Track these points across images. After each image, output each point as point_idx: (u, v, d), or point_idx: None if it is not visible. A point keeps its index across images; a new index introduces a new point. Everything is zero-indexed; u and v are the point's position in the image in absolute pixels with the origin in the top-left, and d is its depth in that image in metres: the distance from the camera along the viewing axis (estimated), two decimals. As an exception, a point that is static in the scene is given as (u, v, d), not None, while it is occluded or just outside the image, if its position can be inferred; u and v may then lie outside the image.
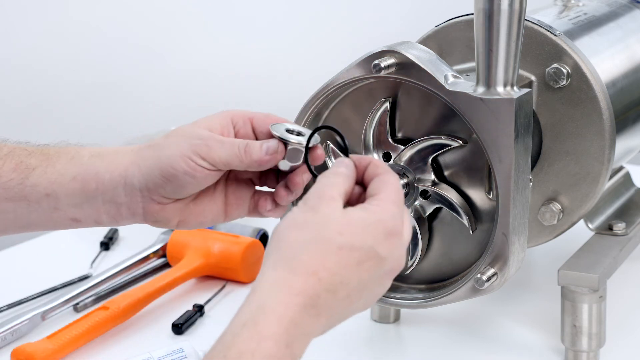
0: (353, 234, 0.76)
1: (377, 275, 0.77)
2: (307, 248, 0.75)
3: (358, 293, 0.77)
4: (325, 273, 0.74)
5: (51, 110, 1.90)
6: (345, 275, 0.75)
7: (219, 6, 2.07)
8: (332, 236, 0.75)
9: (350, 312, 0.78)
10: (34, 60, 1.88)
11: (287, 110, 1.25)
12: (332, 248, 0.75)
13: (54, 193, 0.90)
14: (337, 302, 0.75)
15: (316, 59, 2.12)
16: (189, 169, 0.87)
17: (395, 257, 0.78)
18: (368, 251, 0.76)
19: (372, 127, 1.00)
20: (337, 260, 0.75)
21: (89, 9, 1.94)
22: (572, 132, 1.08)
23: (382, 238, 0.77)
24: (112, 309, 1.17)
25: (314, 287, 0.74)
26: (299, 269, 0.74)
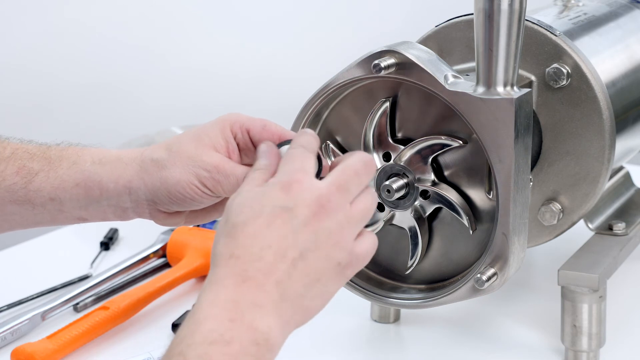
0: (252, 204, 0.77)
1: (298, 226, 0.76)
2: (219, 242, 0.77)
3: (292, 248, 0.76)
4: (240, 250, 0.75)
5: (51, 111, 1.90)
6: (261, 241, 0.75)
7: (219, 6, 2.07)
8: (237, 217, 0.77)
9: (304, 275, 0.76)
10: (34, 60, 1.88)
11: (287, 110, 1.25)
12: (239, 227, 0.76)
13: (58, 198, 0.91)
14: (272, 266, 0.75)
15: (316, 59, 2.12)
16: (196, 196, 0.89)
17: (306, 200, 0.77)
18: (271, 211, 0.76)
19: (372, 127, 1.00)
20: (246, 235, 0.75)
21: (89, 9, 1.94)
22: (572, 132, 1.08)
23: (280, 192, 0.77)
24: (112, 309, 1.17)
25: (235, 265, 0.74)
26: (218, 260, 0.76)
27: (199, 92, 2.07)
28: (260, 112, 2.21)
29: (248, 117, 0.91)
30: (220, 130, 0.91)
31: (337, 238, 0.78)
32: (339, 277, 0.79)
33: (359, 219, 0.80)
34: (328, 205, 0.77)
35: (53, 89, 1.91)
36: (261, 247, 0.75)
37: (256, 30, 2.11)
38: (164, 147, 0.91)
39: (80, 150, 0.94)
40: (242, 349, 0.71)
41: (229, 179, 0.89)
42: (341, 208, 0.78)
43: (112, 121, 1.96)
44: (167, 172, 0.89)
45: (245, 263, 0.75)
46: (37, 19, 1.88)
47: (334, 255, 0.78)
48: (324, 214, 0.77)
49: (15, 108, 1.86)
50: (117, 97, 1.98)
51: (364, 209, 0.80)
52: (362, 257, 0.80)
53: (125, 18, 1.98)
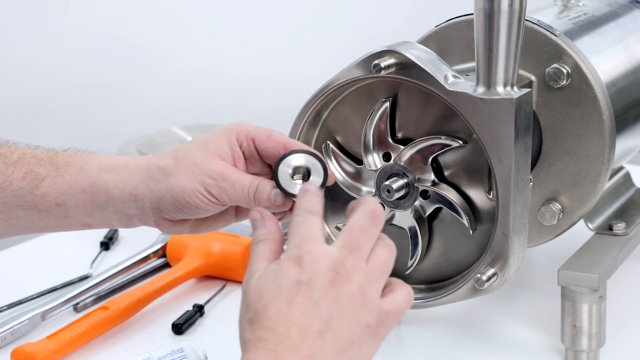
0: (269, 287, 0.77)
1: (319, 298, 0.76)
2: (243, 329, 0.77)
3: (317, 320, 0.76)
4: (266, 334, 0.75)
5: (52, 111, 1.90)
6: (285, 320, 0.75)
7: (218, 6, 2.08)
8: (256, 303, 0.77)
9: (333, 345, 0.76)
10: (35, 60, 1.89)
11: (287, 110, 1.25)
12: (261, 312, 0.76)
13: (64, 204, 0.91)
14: (300, 343, 0.75)
15: (316, 59, 2.12)
16: (201, 204, 0.89)
17: (319, 271, 0.76)
18: (288, 289, 0.76)
19: (372, 127, 1.00)
20: (269, 317, 0.75)
21: (89, 10, 1.94)
22: (572, 132, 1.08)
23: (292, 267, 0.77)
24: (112, 309, 1.17)
25: (265, 347, 0.74)
26: (248, 345, 0.76)
27: (199, 92, 2.07)
28: (260, 112, 2.22)
29: (254, 126, 0.92)
30: (227, 139, 0.91)
31: (361, 300, 0.77)
32: (372, 338, 0.78)
33: (378, 275, 0.79)
34: (343, 270, 0.77)
35: (53, 89, 1.91)
36: (286, 326, 0.75)
37: (256, 30, 2.11)
38: (170, 155, 0.91)
39: (88, 157, 0.94)
40: None
41: (234, 187, 0.89)
42: (358, 269, 0.78)
43: (112, 121, 1.96)
44: (173, 180, 0.89)
45: (274, 344, 0.74)
46: (37, 19, 1.88)
47: (362, 318, 0.77)
48: (341, 280, 0.77)
49: (16, 108, 1.86)
50: (117, 97, 1.98)
51: (382, 263, 0.79)
52: (394, 313, 0.79)
53: (125, 18, 1.98)
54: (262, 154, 0.91)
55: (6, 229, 0.94)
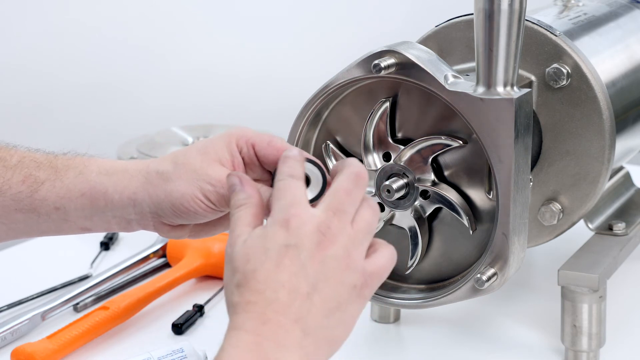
0: (255, 252, 0.78)
1: (306, 259, 0.77)
2: (231, 292, 0.78)
3: (304, 282, 0.77)
4: (254, 296, 0.76)
5: (52, 111, 1.90)
6: (273, 283, 0.76)
7: (219, 6, 2.07)
8: (243, 267, 0.77)
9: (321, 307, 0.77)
10: (35, 60, 1.89)
11: (287, 110, 1.25)
12: (249, 275, 0.77)
13: (63, 207, 0.91)
14: (289, 306, 0.76)
15: (316, 59, 2.12)
16: (199, 209, 0.89)
17: (305, 234, 0.77)
18: (276, 252, 0.77)
19: (372, 127, 1.00)
20: (258, 280, 0.77)
21: (89, 10, 1.94)
22: (572, 132, 1.08)
23: (278, 230, 0.78)
24: (112, 309, 1.17)
25: (253, 310, 0.76)
26: (237, 309, 0.77)
27: (199, 92, 2.07)
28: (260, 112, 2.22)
29: (254, 131, 0.91)
30: (226, 145, 0.90)
31: (345, 262, 0.78)
32: (357, 299, 0.79)
33: (362, 237, 0.80)
34: (329, 232, 0.78)
35: (53, 89, 1.91)
36: (274, 289, 0.76)
37: (256, 30, 2.11)
38: (169, 160, 0.91)
39: (87, 160, 0.93)
40: None
41: None
42: (343, 231, 0.79)
43: (112, 121, 1.96)
44: (172, 185, 0.89)
45: (262, 307, 0.76)
46: (37, 19, 1.88)
47: (347, 280, 0.78)
48: (327, 242, 0.78)
49: (16, 108, 1.86)
50: (117, 97, 1.98)
51: (365, 225, 0.81)
52: (377, 274, 0.81)
53: (125, 18, 1.98)
54: (261, 160, 0.90)
55: (6, 232, 0.94)
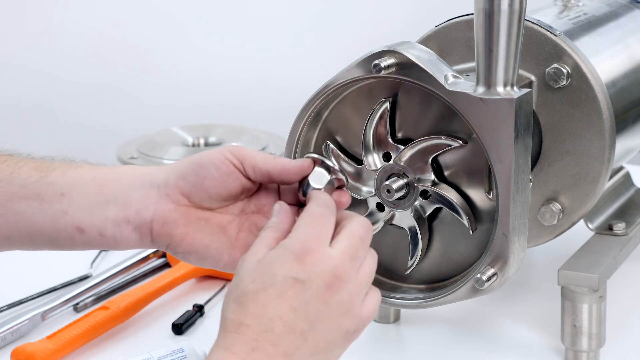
0: (264, 274, 0.78)
1: (311, 298, 0.77)
2: (230, 307, 0.78)
3: (303, 320, 0.77)
4: (250, 320, 0.76)
5: (52, 111, 1.90)
6: (271, 312, 0.76)
7: (219, 6, 2.07)
8: (247, 287, 0.78)
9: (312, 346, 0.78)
10: (35, 60, 1.89)
11: (287, 110, 1.25)
12: (250, 296, 0.77)
13: (69, 194, 0.89)
14: (281, 338, 0.76)
15: (316, 59, 2.12)
16: (226, 170, 0.88)
17: (320, 272, 0.78)
18: (282, 282, 0.77)
19: (372, 127, 1.00)
20: (257, 304, 0.77)
21: (89, 10, 1.94)
22: (572, 132, 1.08)
23: (294, 263, 0.78)
24: (112, 309, 1.17)
25: (245, 334, 0.76)
26: (229, 327, 0.77)
27: (199, 92, 2.07)
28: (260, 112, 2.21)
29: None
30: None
31: (347, 307, 0.79)
32: (345, 343, 0.81)
33: (365, 284, 0.82)
34: (342, 276, 0.79)
35: (53, 89, 1.91)
36: (271, 318, 0.76)
37: (256, 30, 2.11)
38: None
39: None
40: None
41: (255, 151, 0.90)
42: (352, 278, 0.80)
43: (112, 121, 1.96)
44: (197, 155, 0.89)
45: (255, 333, 0.76)
46: (37, 19, 1.88)
47: (343, 325, 0.79)
48: (337, 285, 0.79)
49: (16, 108, 1.86)
50: (117, 97, 1.98)
51: (369, 272, 0.82)
52: (367, 319, 0.82)
53: (125, 18, 1.98)
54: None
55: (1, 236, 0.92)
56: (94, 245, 0.90)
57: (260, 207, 0.91)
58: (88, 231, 0.89)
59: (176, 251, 0.89)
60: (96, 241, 0.90)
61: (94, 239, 0.90)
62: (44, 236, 0.91)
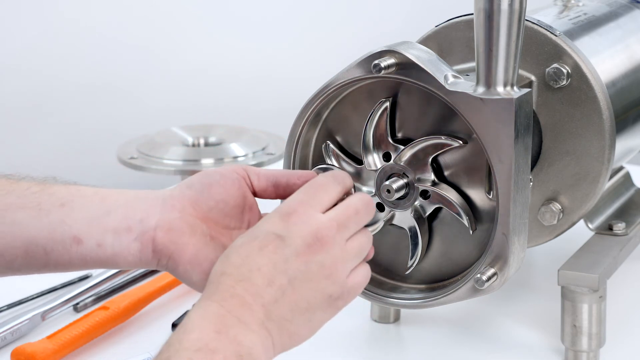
0: (251, 231, 0.82)
1: (290, 255, 0.79)
2: (217, 262, 0.81)
3: (281, 275, 0.79)
4: (231, 269, 0.79)
5: (52, 111, 1.90)
6: (251, 262, 0.79)
7: (218, 6, 2.08)
8: (236, 241, 0.81)
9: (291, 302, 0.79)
10: (34, 61, 1.89)
11: (287, 110, 1.25)
12: (235, 248, 0.80)
13: (69, 204, 0.87)
14: (260, 289, 0.78)
15: (316, 59, 2.12)
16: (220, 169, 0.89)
17: (301, 231, 0.80)
18: (265, 235, 0.80)
19: (372, 127, 1.00)
20: (239, 255, 0.80)
21: (89, 10, 1.94)
22: (572, 132, 1.08)
23: (277, 220, 0.81)
24: (112, 309, 1.17)
25: (225, 283, 0.78)
26: (212, 277, 0.80)
27: (199, 92, 2.07)
28: (260, 112, 2.21)
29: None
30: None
31: (329, 271, 0.81)
32: (329, 308, 0.82)
33: (353, 256, 0.83)
34: (324, 239, 0.81)
35: (53, 90, 1.91)
36: (250, 268, 0.79)
37: (256, 30, 2.11)
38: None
39: None
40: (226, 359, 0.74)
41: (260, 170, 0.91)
42: (337, 243, 0.82)
43: (112, 121, 1.96)
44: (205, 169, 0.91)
45: (234, 281, 0.78)
46: (37, 19, 1.88)
47: (325, 288, 0.81)
48: (318, 246, 0.80)
49: (16, 109, 1.86)
50: (117, 97, 1.98)
51: (359, 247, 0.84)
52: (354, 289, 0.84)
53: (125, 18, 1.98)
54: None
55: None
56: (90, 260, 0.86)
57: None
58: (86, 242, 0.86)
59: (178, 263, 0.86)
60: (93, 254, 0.86)
61: (90, 251, 0.86)
62: (39, 247, 0.87)
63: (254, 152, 1.55)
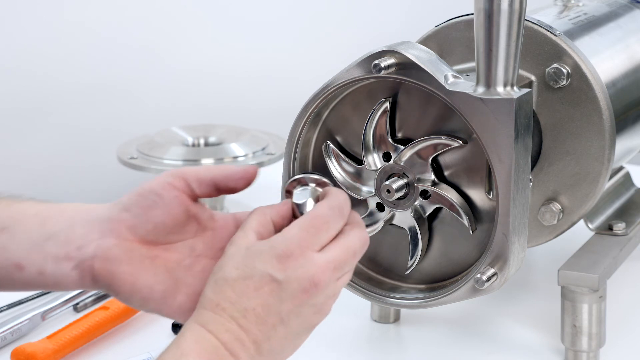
0: (245, 265, 0.80)
1: (285, 298, 0.80)
2: (211, 286, 0.81)
3: (275, 316, 0.80)
4: (226, 303, 0.80)
5: (51, 112, 1.90)
6: (246, 302, 0.79)
7: (219, 7, 2.07)
8: (229, 272, 0.81)
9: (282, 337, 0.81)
10: (34, 61, 1.89)
11: (287, 110, 1.25)
12: (229, 282, 0.80)
13: (11, 228, 0.85)
14: (253, 327, 0.79)
15: (316, 59, 2.12)
16: (156, 187, 0.85)
17: (298, 277, 0.80)
18: (261, 277, 0.80)
19: (372, 127, 1.00)
20: (234, 291, 0.80)
21: (88, 10, 1.94)
22: (572, 132, 1.08)
23: (274, 262, 0.80)
24: (112, 309, 1.17)
25: (220, 316, 0.79)
26: (207, 304, 0.80)
27: (199, 92, 2.07)
28: (260, 112, 2.21)
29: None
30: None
31: (320, 307, 0.82)
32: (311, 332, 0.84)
33: (340, 289, 0.84)
34: (320, 284, 0.81)
35: (53, 90, 1.91)
36: (245, 307, 0.79)
37: (256, 31, 2.11)
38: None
39: None
40: None
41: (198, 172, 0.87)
42: (330, 285, 0.82)
43: (112, 121, 1.96)
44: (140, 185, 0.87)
45: (229, 316, 0.79)
46: (36, 20, 1.88)
47: (314, 320, 0.83)
48: (314, 291, 0.81)
49: (16, 109, 1.86)
50: (117, 97, 1.98)
51: (346, 280, 0.84)
52: None
53: (124, 18, 1.98)
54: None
55: None
56: (33, 285, 0.85)
57: (212, 248, 0.88)
58: (27, 269, 0.84)
59: (118, 292, 0.85)
60: (35, 281, 0.85)
61: (33, 278, 0.85)
62: None
63: (254, 152, 1.55)
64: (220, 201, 1.56)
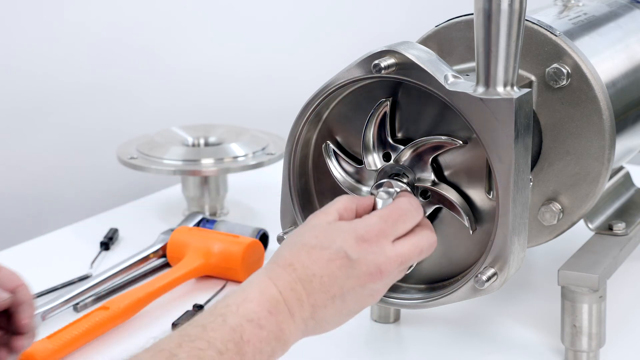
0: (326, 237, 0.89)
1: (352, 275, 0.88)
2: (289, 247, 0.89)
3: (337, 288, 0.88)
4: (299, 265, 0.87)
5: (52, 112, 1.90)
6: (317, 269, 0.87)
7: (218, 6, 2.07)
8: (309, 239, 0.89)
9: (337, 309, 0.88)
10: (34, 61, 1.88)
11: (287, 110, 1.25)
12: (307, 247, 0.88)
13: None
14: (315, 292, 0.87)
15: (316, 59, 2.12)
16: None
17: (369, 261, 0.88)
18: (337, 251, 0.88)
19: (372, 127, 1.00)
20: (309, 257, 0.88)
21: (88, 10, 1.94)
22: (572, 132, 1.08)
23: (352, 241, 0.88)
24: (112, 309, 1.17)
25: (290, 275, 0.87)
26: (280, 261, 0.88)
27: (199, 92, 2.07)
28: (260, 112, 2.21)
29: None
30: None
31: (375, 293, 0.90)
32: (358, 313, 0.91)
33: (394, 281, 0.92)
34: (385, 273, 0.89)
35: (53, 90, 1.91)
36: (314, 273, 0.87)
37: (256, 30, 2.10)
38: None
39: None
40: (267, 337, 0.84)
41: None
42: (393, 275, 0.91)
43: (112, 121, 1.95)
44: None
45: (298, 277, 0.87)
46: (36, 20, 1.88)
47: (367, 303, 0.90)
48: (378, 277, 0.89)
49: (16, 109, 1.86)
50: (117, 97, 1.98)
51: (402, 274, 0.93)
52: None
53: (124, 18, 1.98)
54: None
55: None
56: None
57: None
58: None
59: None
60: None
61: None
62: None
63: (254, 152, 1.55)
64: (220, 201, 1.56)
